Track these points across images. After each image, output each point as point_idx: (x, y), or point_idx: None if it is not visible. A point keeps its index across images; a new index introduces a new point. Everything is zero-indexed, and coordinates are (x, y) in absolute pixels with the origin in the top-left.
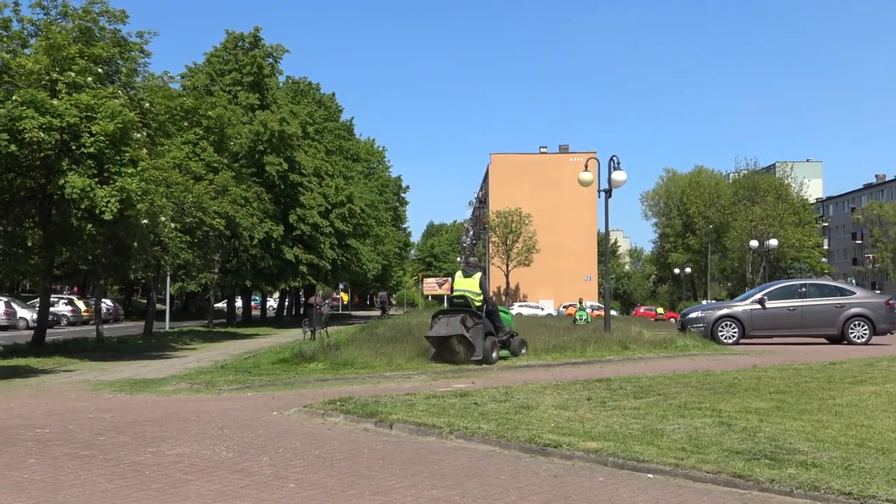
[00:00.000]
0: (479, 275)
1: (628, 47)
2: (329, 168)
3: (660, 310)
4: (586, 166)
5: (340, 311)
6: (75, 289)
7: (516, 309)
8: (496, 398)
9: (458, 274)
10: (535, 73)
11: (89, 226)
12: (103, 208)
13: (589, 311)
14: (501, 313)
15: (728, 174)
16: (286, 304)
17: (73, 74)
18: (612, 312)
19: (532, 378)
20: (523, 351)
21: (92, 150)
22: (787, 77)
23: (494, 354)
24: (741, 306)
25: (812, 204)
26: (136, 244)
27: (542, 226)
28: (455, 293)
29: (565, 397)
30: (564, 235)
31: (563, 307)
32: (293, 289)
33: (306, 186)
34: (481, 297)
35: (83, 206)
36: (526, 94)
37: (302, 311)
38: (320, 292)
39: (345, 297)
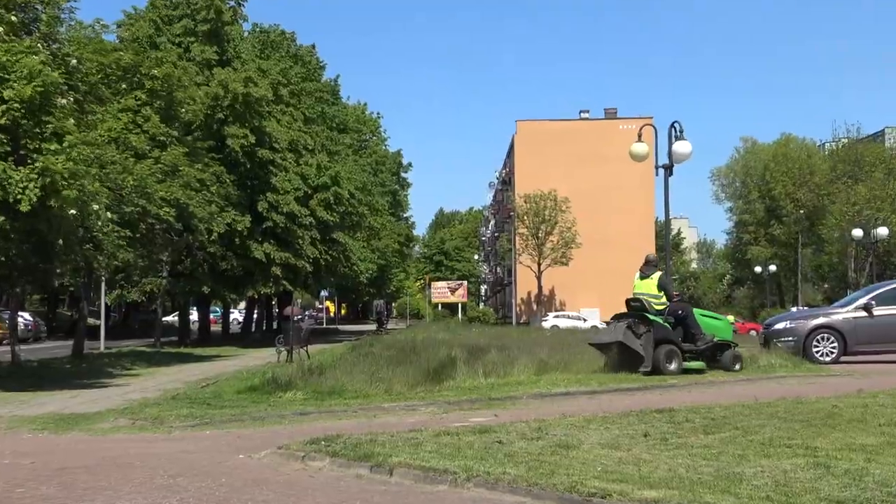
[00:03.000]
0: (658, 275)
1: None
2: (308, 141)
3: (730, 317)
4: (640, 136)
5: (325, 326)
6: None
7: (550, 321)
8: (526, 435)
9: (636, 276)
10: (574, 20)
11: (0, 219)
12: (19, 196)
13: None
14: (708, 318)
15: (823, 144)
16: (255, 316)
17: None
18: None
19: (572, 409)
20: (737, 367)
21: (4, 121)
22: None
23: (673, 366)
24: (842, 314)
25: None
26: (61, 242)
27: (583, 213)
28: (632, 296)
29: (615, 433)
30: (612, 225)
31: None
32: (264, 297)
33: (279, 165)
34: (662, 300)
35: None
36: (562, 45)
37: (275, 325)
38: (299, 301)
39: (331, 308)
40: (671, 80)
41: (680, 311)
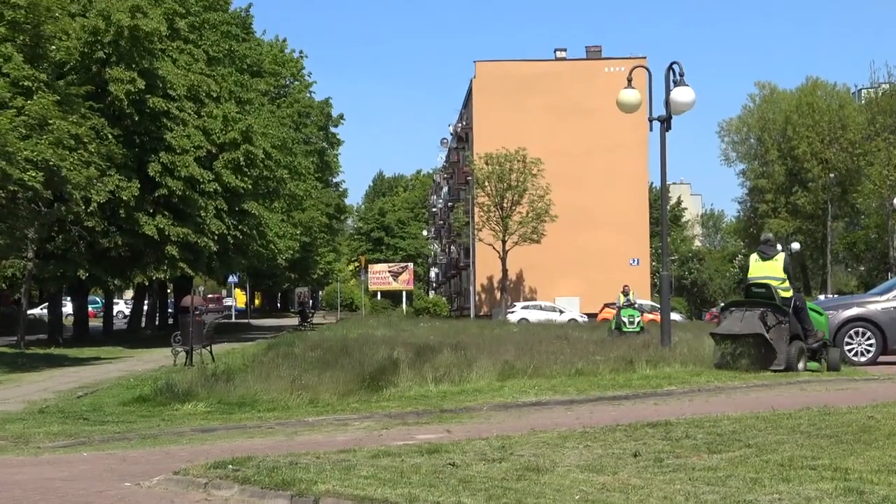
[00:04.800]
0: (782, 255)
1: None
2: (213, 87)
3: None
4: (630, 80)
5: (234, 320)
6: None
7: (518, 313)
8: (486, 455)
9: (753, 257)
10: None
11: None
12: None
13: (640, 311)
14: (812, 311)
15: (858, 90)
16: (145, 309)
17: None
18: (674, 317)
19: (545, 422)
20: (842, 367)
21: None
22: None
23: (801, 365)
24: (880, 303)
25: None
26: None
27: (559, 178)
28: (753, 281)
29: (598, 452)
30: (596, 193)
31: (611, 306)
32: (157, 284)
33: (176, 117)
34: (788, 287)
35: None
36: None
37: (171, 320)
38: (201, 289)
39: (241, 297)
40: (668, 9)
41: (797, 302)
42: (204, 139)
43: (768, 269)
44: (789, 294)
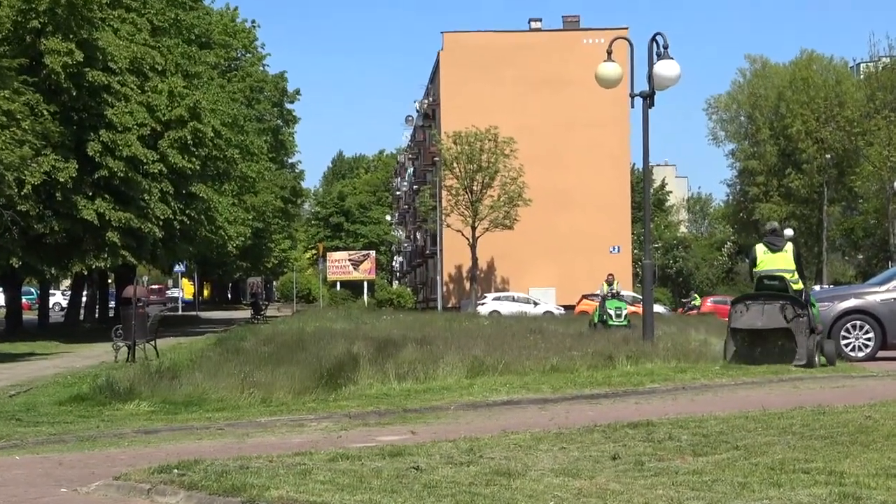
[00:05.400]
0: (791, 247)
1: None
2: (158, 59)
3: (696, 301)
4: (610, 53)
5: (181, 313)
6: None
7: (489, 304)
8: (453, 459)
9: (760, 248)
10: None
11: None
12: None
13: (627, 303)
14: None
15: (857, 65)
16: (84, 300)
17: None
18: (658, 309)
19: (517, 422)
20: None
21: None
22: None
23: (818, 359)
24: (879, 294)
25: None
26: None
27: (533, 158)
28: (765, 273)
29: (574, 455)
30: (573, 175)
31: (591, 297)
32: (97, 273)
33: (117, 92)
34: (797, 279)
35: None
36: None
37: (112, 312)
38: (145, 279)
39: (188, 288)
40: None
41: (806, 295)
42: (148, 116)
43: (780, 262)
44: (800, 286)
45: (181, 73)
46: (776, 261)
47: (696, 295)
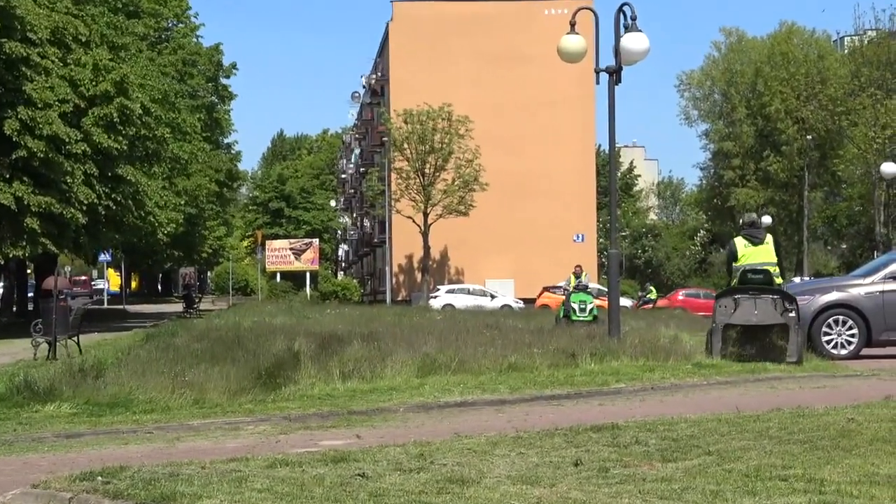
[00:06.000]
0: (772, 239)
1: None
2: (81, 29)
3: (652, 294)
4: (573, 25)
5: (106, 306)
6: None
7: (442, 297)
8: (402, 465)
9: (741, 241)
10: None
11: None
12: None
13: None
14: None
15: (840, 38)
16: (1, 292)
17: None
18: (625, 302)
19: (471, 426)
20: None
21: None
22: None
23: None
24: (864, 287)
25: None
26: None
27: (491, 139)
28: (749, 267)
29: (533, 461)
30: (534, 157)
31: (553, 290)
32: (14, 263)
33: (37, 65)
34: (779, 272)
35: None
36: None
37: (32, 305)
38: (67, 269)
39: (114, 279)
40: None
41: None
42: (71, 91)
43: (763, 255)
44: (780, 280)
45: (107, 45)
46: (760, 254)
47: (651, 287)
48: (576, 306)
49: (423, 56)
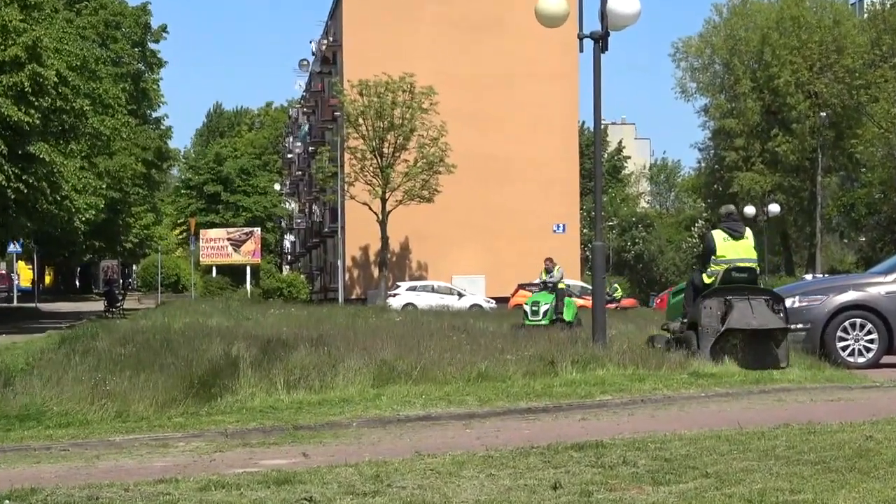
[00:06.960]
0: (751, 234)
1: None
2: None
3: (618, 293)
4: None
5: (16, 304)
6: None
7: (403, 296)
8: (355, 488)
9: (719, 234)
10: None
11: None
12: None
13: (568, 294)
14: None
15: (859, 1)
16: None
17: None
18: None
19: (435, 443)
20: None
21: None
22: None
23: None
24: (885, 285)
25: None
26: None
27: (459, 114)
28: (732, 265)
29: (505, 484)
30: (509, 136)
31: (529, 287)
32: None
33: None
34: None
35: None
36: None
37: None
38: None
39: (25, 273)
40: None
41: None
42: None
43: (744, 250)
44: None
45: (17, 3)
46: (739, 249)
47: (617, 286)
48: (527, 309)
49: (382, 19)
